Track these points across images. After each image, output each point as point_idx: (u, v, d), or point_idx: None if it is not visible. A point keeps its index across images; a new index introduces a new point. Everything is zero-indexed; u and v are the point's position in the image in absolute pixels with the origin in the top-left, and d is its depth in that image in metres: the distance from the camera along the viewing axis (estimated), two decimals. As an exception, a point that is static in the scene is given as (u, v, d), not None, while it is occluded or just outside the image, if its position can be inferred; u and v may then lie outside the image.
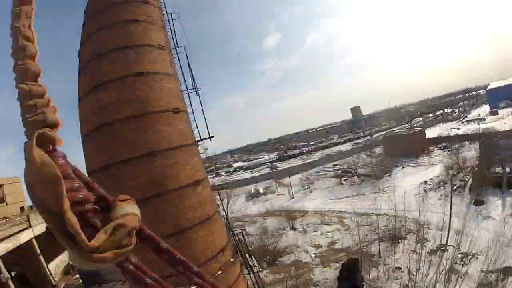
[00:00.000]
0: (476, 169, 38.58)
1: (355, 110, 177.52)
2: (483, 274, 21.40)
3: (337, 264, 26.92)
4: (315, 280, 26.16)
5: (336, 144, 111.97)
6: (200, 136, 14.92)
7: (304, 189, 57.55)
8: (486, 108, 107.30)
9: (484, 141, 41.90)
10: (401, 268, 24.93)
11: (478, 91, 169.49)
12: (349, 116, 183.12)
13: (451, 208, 30.09)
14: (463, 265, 22.89)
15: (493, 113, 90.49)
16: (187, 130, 13.46)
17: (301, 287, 24.87)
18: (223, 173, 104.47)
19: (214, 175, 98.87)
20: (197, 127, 14.84)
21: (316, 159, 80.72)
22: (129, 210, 0.94)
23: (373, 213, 34.61)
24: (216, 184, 29.99)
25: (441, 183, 40.95)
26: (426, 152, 59.18)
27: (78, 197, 0.87)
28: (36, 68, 0.99)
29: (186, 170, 12.42)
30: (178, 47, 15.67)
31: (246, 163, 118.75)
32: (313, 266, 28.82)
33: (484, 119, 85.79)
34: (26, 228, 17.94)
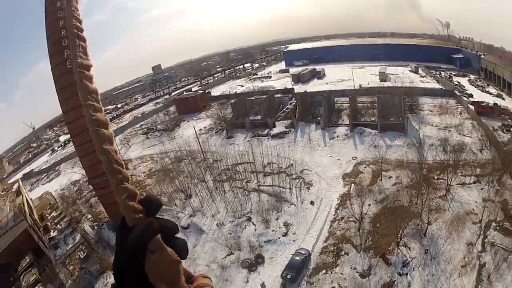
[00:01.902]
0: (229, 119, 71.94)
1: (156, 69, 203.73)
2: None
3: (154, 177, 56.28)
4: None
5: (140, 105, 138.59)
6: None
7: (124, 145, 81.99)
8: (282, 65, 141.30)
9: (237, 101, 76.00)
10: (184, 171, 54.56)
11: (285, 46, 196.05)
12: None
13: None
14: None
15: (284, 71, 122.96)
16: None
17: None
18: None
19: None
20: None
21: (127, 122, 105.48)
22: (205, 282, 1.68)
23: (168, 151, 64.05)
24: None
25: (210, 129, 73.17)
26: (207, 108, 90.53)
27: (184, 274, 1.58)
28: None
29: None
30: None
31: (68, 135, 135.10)
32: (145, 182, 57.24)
33: (270, 77, 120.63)
34: None
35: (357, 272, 32.30)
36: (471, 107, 58.75)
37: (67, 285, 40.77)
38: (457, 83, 79.97)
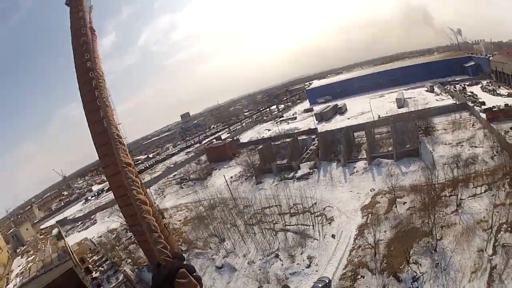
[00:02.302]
0: (257, 165, 78.48)
1: (185, 116, 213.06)
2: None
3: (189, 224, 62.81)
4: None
5: (172, 154, 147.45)
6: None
7: (159, 195, 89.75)
8: (307, 104, 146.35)
9: (263, 147, 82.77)
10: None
11: (308, 83, 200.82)
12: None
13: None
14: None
15: (308, 110, 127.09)
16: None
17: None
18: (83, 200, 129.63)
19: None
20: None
21: (160, 173, 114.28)
22: None
23: (202, 200, 71.10)
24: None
25: (240, 176, 79.98)
26: (236, 155, 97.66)
27: None
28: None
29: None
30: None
31: (101, 185, 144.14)
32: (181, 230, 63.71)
33: (295, 118, 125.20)
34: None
35: None
36: (483, 115, 61.16)
37: None
38: (470, 94, 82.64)
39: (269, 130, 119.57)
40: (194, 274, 2.38)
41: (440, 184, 48.50)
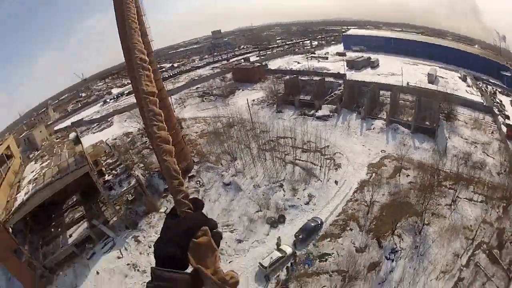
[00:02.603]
0: (281, 94, 79.84)
1: (216, 33, 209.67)
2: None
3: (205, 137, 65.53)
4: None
5: (197, 67, 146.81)
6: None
7: (180, 105, 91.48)
8: (340, 48, 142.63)
9: (290, 79, 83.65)
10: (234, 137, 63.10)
11: (346, 27, 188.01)
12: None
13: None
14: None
15: (340, 54, 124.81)
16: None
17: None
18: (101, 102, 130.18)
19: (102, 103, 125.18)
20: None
21: (183, 83, 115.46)
22: (235, 276, 1.87)
23: (221, 116, 73.30)
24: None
25: (262, 101, 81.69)
26: (262, 80, 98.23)
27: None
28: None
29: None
30: None
31: (121, 88, 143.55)
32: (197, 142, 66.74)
33: (327, 58, 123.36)
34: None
35: (354, 246, 39.87)
36: (504, 129, 58.58)
37: (112, 221, 48.34)
38: (499, 102, 78.57)
39: (298, 63, 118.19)
40: (215, 230, 2.01)
41: (444, 173, 48.94)
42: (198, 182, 55.16)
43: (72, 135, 63.90)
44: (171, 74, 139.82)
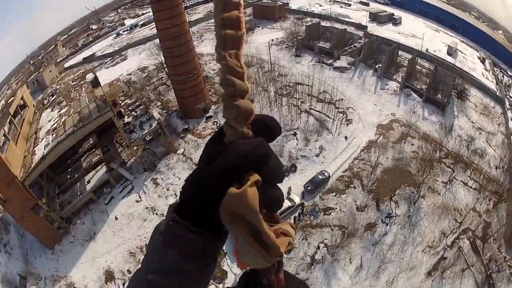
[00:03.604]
0: (300, 38, 76.81)
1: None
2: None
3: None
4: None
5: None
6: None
7: (197, 39, 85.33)
8: None
9: (312, 24, 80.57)
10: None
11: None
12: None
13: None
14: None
15: (364, 3, 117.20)
16: None
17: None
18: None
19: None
20: None
21: (201, 15, 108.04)
22: (290, 230, 1.28)
23: (239, 54, 70.88)
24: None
25: (281, 42, 78.60)
26: (283, 19, 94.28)
27: None
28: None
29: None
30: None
31: (135, 19, 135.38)
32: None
33: (350, 5, 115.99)
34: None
35: (355, 204, 41.04)
36: (511, 125, 57.17)
37: (129, 163, 47.18)
38: None
39: (320, 5, 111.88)
40: (276, 189, 1.31)
41: (446, 150, 48.53)
42: (215, 122, 54.08)
43: (89, 76, 59.01)
44: (188, 5, 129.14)
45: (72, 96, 53.65)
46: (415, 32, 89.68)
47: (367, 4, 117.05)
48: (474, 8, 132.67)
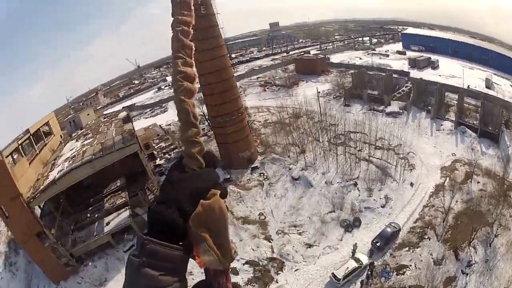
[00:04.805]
0: (347, 88, 73.50)
1: (274, 25, 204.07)
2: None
3: (270, 127, 60.59)
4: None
5: (256, 58, 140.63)
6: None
7: (241, 94, 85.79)
8: (399, 46, 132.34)
9: (357, 72, 77.11)
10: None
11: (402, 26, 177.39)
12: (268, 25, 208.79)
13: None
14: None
15: (400, 52, 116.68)
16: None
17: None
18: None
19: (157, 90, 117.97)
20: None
21: (243, 72, 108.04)
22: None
23: (285, 106, 67.74)
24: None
25: (328, 94, 75.33)
26: (326, 73, 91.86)
27: None
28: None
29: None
30: None
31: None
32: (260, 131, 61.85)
33: (388, 56, 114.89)
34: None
35: (432, 258, 34.13)
36: None
37: None
38: None
39: (360, 58, 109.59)
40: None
41: (509, 183, 42.07)
42: (262, 174, 49.39)
43: (122, 114, 56.61)
44: (231, 64, 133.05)
45: (99, 130, 50.87)
46: (453, 73, 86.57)
47: (403, 53, 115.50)
48: (495, 39, 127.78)
